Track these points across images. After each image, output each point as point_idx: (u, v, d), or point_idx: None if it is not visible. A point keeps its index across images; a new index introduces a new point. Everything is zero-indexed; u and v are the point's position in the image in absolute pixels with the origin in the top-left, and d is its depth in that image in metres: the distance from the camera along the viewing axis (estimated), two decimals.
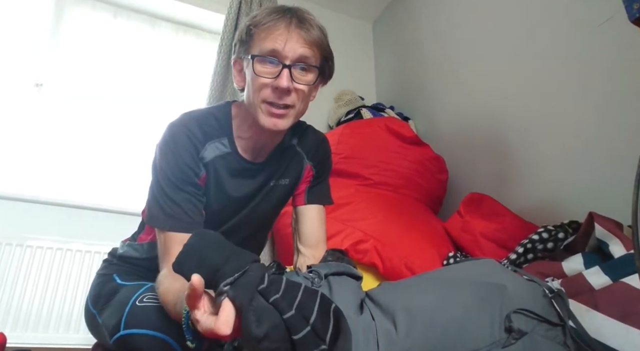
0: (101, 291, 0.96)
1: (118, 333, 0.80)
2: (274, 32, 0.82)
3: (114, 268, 1.02)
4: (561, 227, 1.09)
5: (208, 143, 0.89)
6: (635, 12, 0.63)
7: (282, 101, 0.83)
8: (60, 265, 1.61)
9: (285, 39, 0.81)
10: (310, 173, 1.05)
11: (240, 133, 0.93)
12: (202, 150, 0.88)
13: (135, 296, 0.84)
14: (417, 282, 0.71)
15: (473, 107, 1.80)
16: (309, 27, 0.84)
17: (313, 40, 0.84)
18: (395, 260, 1.26)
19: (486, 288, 0.66)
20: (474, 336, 0.61)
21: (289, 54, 0.82)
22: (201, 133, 0.88)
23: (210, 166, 0.89)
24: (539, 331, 0.64)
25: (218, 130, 0.91)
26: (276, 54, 0.82)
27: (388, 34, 2.63)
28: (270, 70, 0.82)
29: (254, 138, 0.92)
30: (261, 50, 0.82)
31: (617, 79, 1.19)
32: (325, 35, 0.89)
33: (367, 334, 0.60)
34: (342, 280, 0.74)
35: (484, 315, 0.63)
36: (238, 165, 0.92)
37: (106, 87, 2.00)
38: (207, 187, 0.90)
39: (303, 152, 1.03)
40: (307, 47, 0.83)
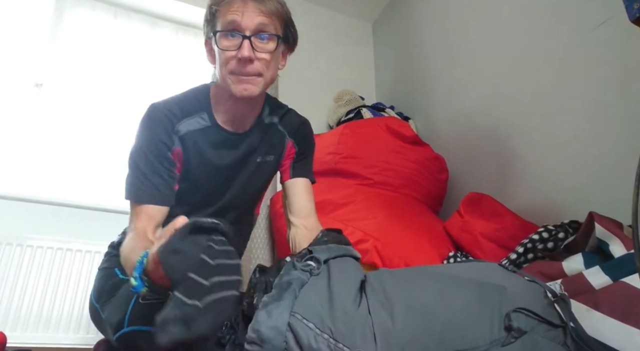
0: (104, 286, 0.96)
1: (121, 330, 0.80)
2: (232, 5, 0.87)
3: (114, 260, 1.01)
4: (561, 226, 1.09)
5: (186, 118, 0.95)
6: (636, 12, 0.63)
7: (246, 70, 0.89)
8: (60, 265, 1.61)
9: (242, 11, 0.87)
10: (292, 150, 1.11)
11: (219, 107, 0.99)
12: (178, 124, 0.94)
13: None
14: (419, 275, 0.71)
15: (473, 106, 1.80)
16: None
17: (269, 10, 0.90)
18: (396, 260, 1.26)
19: (487, 288, 0.66)
20: (474, 334, 0.61)
21: (248, 25, 0.87)
22: (179, 110, 0.95)
23: (188, 139, 0.95)
24: (538, 330, 0.64)
25: (197, 107, 0.98)
26: (236, 27, 0.87)
27: (388, 34, 2.63)
28: (233, 42, 0.88)
29: (232, 110, 0.98)
30: (222, 25, 0.88)
31: (617, 78, 1.19)
32: (283, 4, 0.95)
33: (364, 329, 0.60)
34: (342, 262, 0.73)
35: (484, 313, 0.63)
36: (219, 136, 0.98)
37: (106, 87, 2.00)
38: (186, 160, 0.96)
39: (285, 130, 1.09)
40: (264, 16, 0.89)
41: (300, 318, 0.59)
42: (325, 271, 0.69)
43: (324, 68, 2.52)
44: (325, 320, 0.59)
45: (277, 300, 0.60)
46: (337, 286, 0.65)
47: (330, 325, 0.59)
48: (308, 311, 0.60)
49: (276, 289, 0.63)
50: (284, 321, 0.58)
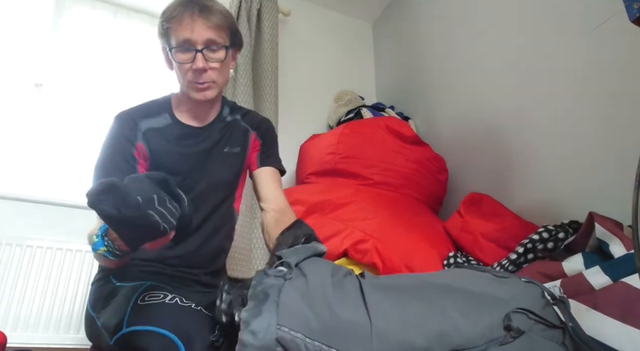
0: (100, 294, 0.97)
1: (120, 332, 0.80)
2: (182, 23, 0.98)
3: (108, 269, 1.02)
4: (561, 226, 1.09)
5: (147, 118, 1.08)
6: (636, 12, 0.63)
7: (202, 80, 1.02)
8: (60, 265, 1.61)
9: (192, 27, 0.98)
10: (257, 142, 1.21)
11: (180, 108, 1.12)
12: (140, 122, 1.06)
13: (136, 296, 0.85)
14: (414, 287, 0.69)
15: (473, 107, 1.80)
16: (208, 14, 0.99)
17: (215, 24, 1.00)
18: (395, 260, 1.26)
19: (484, 298, 0.66)
20: (472, 333, 0.61)
21: (198, 40, 0.99)
22: (140, 112, 1.08)
23: (151, 134, 1.06)
24: (536, 330, 0.64)
25: (158, 109, 1.11)
26: (188, 42, 0.99)
27: (388, 34, 2.63)
28: (187, 56, 1.00)
29: (193, 109, 1.12)
30: (176, 41, 1.00)
31: (617, 78, 1.19)
32: (228, 15, 1.05)
33: (357, 330, 0.59)
34: (313, 263, 0.72)
35: (483, 315, 0.63)
36: (182, 130, 1.10)
37: (106, 87, 2.00)
38: (152, 152, 1.05)
39: (247, 125, 1.21)
40: (212, 30, 0.99)
41: (287, 331, 0.57)
42: (300, 275, 0.67)
43: (324, 68, 2.52)
44: (313, 327, 0.58)
45: (258, 315, 0.58)
46: (316, 290, 0.63)
47: (320, 330, 0.57)
48: (293, 321, 0.58)
49: (253, 301, 0.61)
50: (272, 338, 0.56)
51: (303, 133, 2.07)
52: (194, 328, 0.76)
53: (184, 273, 1.05)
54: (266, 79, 2.07)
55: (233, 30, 1.06)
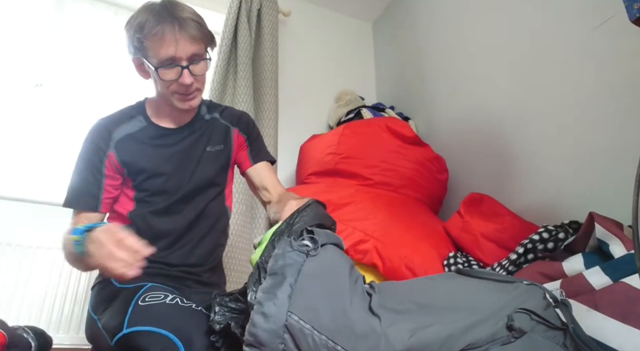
0: (102, 297, 0.97)
1: (121, 333, 0.81)
2: (164, 40, 0.95)
3: None
4: (561, 227, 1.09)
5: (122, 124, 1.08)
6: (636, 12, 0.63)
7: (188, 92, 1.02)
8: (60, 266, 1.61)
9: (175, 45, 0.96)
10: (240, 138, 1.21)
11: (157, 113, 1.11)
12: (114, 131, 1.06)
13: (136, 297, 0.85)
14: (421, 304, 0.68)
15: (473, 107, 1.80)
16: (188, 27, 0.97)
17: (197, 36, 0.99)
18: (396, 260, 1.26)
19: (487, 310, 0.66)
20: (478, 337, 0.61)
21: (183, 56, 0.98)
22: (115, 120, 1.08)
23: (123, 144, 1.06)
24: (538, 331, 0.64)
25: (132, 113, 1.11)
26: (173, 60, 0.97)
27: (388, 34, 2.63)
28: (173, 72, 0.99)
29: (172, 114, 1.11)
30: (159, 59, 0.97)
31: (617, 78, 1.19)
32: (201, 21, 1.03)
33: (365, 330, 0.59)
34: (335, 253, 0.71)
35: (488, 313, 0.63)
36: (157, 132, 1.10)
37: (106, 87, 2.00)
38: (128, 161, 1.05)
39: (227, 122, 1.20)
40: (195, 44, 0.99)
41: (297, 319, 0.57)
42: (322, 257, 0.66)
43: (324, 68, 2.52)
44: (322, 320, 0.58)
45: (272, 299, 0.59)
46: (333, 281, 0.64)
47: (329, 324, 0.58)
48: (304, 311, 0.58)
49: (271, 279, 0.61)
50: (281, 323, 0.57)
51: (303, 134, 2.07)
52: (194, 329, 0.76)
53: (185, 273, 1.05)
54: (266, 79, 2.07)
55: (208, 35, 1.05)
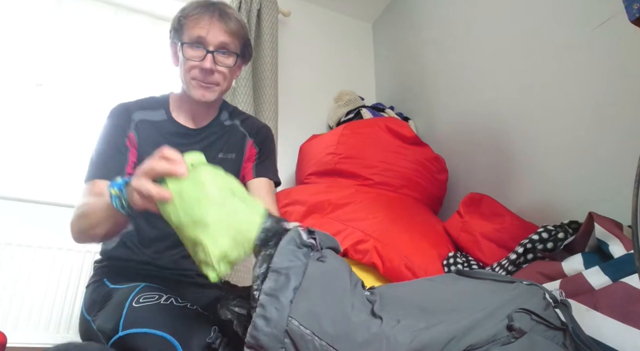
0: (95, 298, 0.97)
1: (116, 335, 0.80)
2: (200, 22, 1.00)
3: (101, 272, 1.03)
4: (561, 227, 1.09)
5: (142, 110, 1.08)
6: (636, 12, 0.63)
7: (206, 80, 1.02)
8: (60, 265, 1.61)
9: (208, 28, 0.99)
10: (253, 150, 1.19)
11: (178, 108, 1.12)
12: (133, 113, 1.07)
13: (130, 298, 0.84)
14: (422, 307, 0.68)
15: (473, 107, 1.80)
16: (227, 19, 1.01)
17: (231, 31, 1.02)
18: (396, 260, 1.26)
19: (489, 311, 0.66)
20: (479, 338, 0.61)
21: (212, 41, 1.00)
22: (136, 105, 1.09)
23: (143, 126, 1.06)
24: (538, 331, 0.64)
25: (155, 105, 1.11)
26: (201, 41, 1.00)
27: (388, 34, 2.63)
28: (197, 54, 1.01)
29: (190, 110, 1.11)
30: (189, 38, 1.01)
31: (617, 78, 1.19)
32: (244, 26, 1.07)
33: (365, 335, 0.58)
34: (335, 259, 0.71)
35: (489, 323, 0.63)
36: (176, 128, 1.09)
37: (107, 87, 2.00)
38: (141, 146, 1.04)
39: (245, 130, 1.19)
40: (227, 36, 1.01)
41: (297, 325, 0.57)
42: (325, 261, 0.66)
43: (324, 68, 2.52)
44: (323, 326, 0.58)
45: (275, 303, 0.58)
46: (335, 286, 0.64)
47: (329, 330, 0.58)
48: (305, 316, 0.58)
49: (275, 279, 0.60)
50: (282, 328, 0.57)
51: (303, 134, 2.07)
52: (191, 328, 0.76)
53: (179, 276, 1.05)
54: (266, 79, 2.07)
55: (246, 41, 1.08)
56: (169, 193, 0.63)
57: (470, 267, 1.26)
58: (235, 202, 0.66)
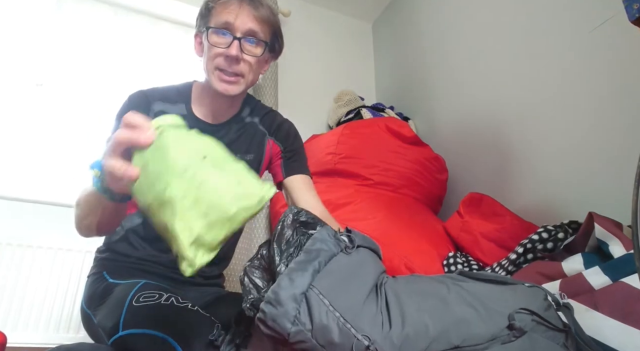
0: (95, 291, 0.96)
1: (117, 335, 0.80)
2: (228, 7, 0.93)
3: (102, 264, 1.02)
4: (561, 227, 1.09)
5: (162, 101, 1.01)
6: (635, 12, 0.63)
7: (231, 69, 0.94)
8: (60, 265, 1.61)
9: (237, 13, 0.92)
10: (276, 149, 1.11)
11: (198, 101, 1.05)
12: (153, 103, 1.00)
13: (130, 296, 0.84)
14: (429, 291, 0.71)
15: (473, 107, 1.80)
16: (258, 5, 0.95)
17: (262, 17, 0.95)
18: (395, 260, 1.26)
19: (490, 308, 0.67)
20: (476, 331, 0.61)
21: (239, 27, 0.93)
22: (157, 93, 1.02)
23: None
24: (538, 331, 0.64)
25: (176, 97, 1.04)
26: (228, 27, 0.93)
27: (388, 34, 2.63)
28: (223, 40, 0.93)
29: (211, 105, 1.04)
30: (216, 23, 0.94)
31: (617, 78, 1.19)
32: (275, 14, 0.99)
33: (373, 319, 0.62)
34: (370, 255, 0.74)
35: (488, 312, 0.64)
36: (195, 125, 1.01)
37: (107, 87, 2.00)
38: None
39: (265, 129, 1.11)
40: (257, 22, 0.94)
41: (317, 293, 0.61)
42: (354, 256, 0.69)
43: (324, 68, 2.52)
44: (339, 301, 0.61)
45: (302, 270, 0.63)
46: (358, 278, 0.67)
47: (343, 306, 0.61)
48: (326, 289, 0.62)
49: (305, 255, 0.65)
50: (302, 291, 0.61)
51: (303, 134, 2.03)
52: (191, 330, 0.76)
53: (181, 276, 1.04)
54: (266, 79, 2.07)
55: (277, 31, 1.00)
56: (135, 169, 0.52)
57: (470, 267, 1.26)
58: (205, 169, 0.52)
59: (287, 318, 0.59)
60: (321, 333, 0.59)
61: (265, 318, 0.60)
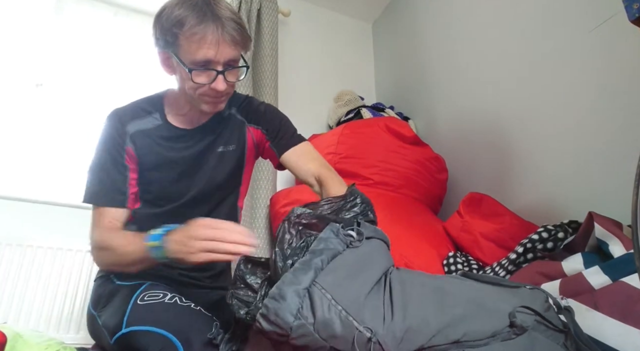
0: (102, 293, 0.97)
1: (120, 332, 0.81)
2: (205, 42, 0.87)
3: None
4: (561, 226, 1.09)
5: (136, 119, 1.02)
6: (635, 12, 0.63)
7: (218, 96, 0.95)
8: (60, 265, 1.61)
9: (216, 48, 0.88)
10: (257, 132, 1.11)
11: (174, 110, 1.05)
12: (127, 125, 1.00)
13: (135, 295, 0.86)
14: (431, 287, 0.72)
15: (473, 106, 1.80)
16: (230, 29, 0.89)
17: (237, 41, 0.91)
18: (395, 260, 1.24)
19: (491, 308, 0.67)
20: (477, 327, 0.62)
21: (220, 60, 0.90)
22: (129, 113, 1.02)
23: (139, 137, 1.00)
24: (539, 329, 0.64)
25: (149, 108, 1.04)
26: (209, 63, 0.90)
27: (388, 34, 2.63)
28: (206, 76, 0.91)
29: (190, 114, 1.04)
30: (195, 61, 0.89)
31: (617, 78, 1.19)
32: (243, 24, 0.94)
33: (375, 312, 0.62)
34: (378, 247, 0.76)
35: (489, 310, 0.64)
36: (171, 133, 1.03)
37: (107, 87, 2.00)
38: (140, 157, 1.01)
39: (243, 117, 1.11)
40: (234, 48, 0.91)
41: (319, 288, 0.63)
42: (362, 249, 0.71)
43: (324, 68, 2.52)
44: (343, 295, 0.63)
45: (305, 268, 0.64)
46: (365, 271, 0.68)
47: (346, 299, 0.62)
48: (329, 284, 0.63)
49: (309, 255, 0.66)
50: (305, 287, 0.62)
51: (303, 134, 2.04)
52: (193, 328, 0.77)
53: (185, 278, 1.04)
54: (266, 79, 2.07)
55: (247, 38, 0.96)
56: None
57: (470, 267, 1.26)
58: None
59: (290, 312, 0.60)
60: (323, 326, 0.60)
61: (267, 313, 0.61)
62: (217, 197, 1.09)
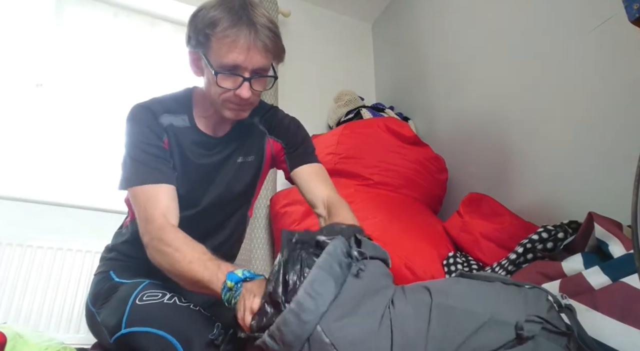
0: (100, 289, 0.97)
1: (119, 332, 0.81)
2: (236, 46, 0.85)
3: (109, 264, 1.02)
4: (561, 226, 1.09)
5: (166, 114, 0.97)
6: (635, 12, 0.63)
7: (242, 104, 0.91)
8: (60, 265, 1.61)
9: (246, 54, 0.86)
10: (277, 146, 1.09)
11: (200, 112, 1.01)
12: (160, 117, 0.96)
13: (134, 295, 0.85)
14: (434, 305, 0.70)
15: (473, 107, 1.80)
16: (264, 36, 0.87)
17: (270, 49, 0.88)
18: (395, 260, 1.26)
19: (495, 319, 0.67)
20: (483, 341, 0.62)
21: (249, 67, 0.87)
22: (160, 106, 0.97)
23: (170, 131, 0.96)
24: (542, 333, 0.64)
25: (177, 108, 0.99)
26: (237, 68, 0.87)
27: (388, 34, 2.63)
28: (231, 82, 0.88)
29: (214, 117, 1.00)
30: (222, 64, 0.87)
31: (617, 78, 1.19)
32: (278, 32, 0.92)
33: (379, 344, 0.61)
34: (379, 271, 0.72)
35: (492, 328, 0.64)
36: (198, 138, 1.00)
37: (106, 87, 2.00)
38: (171, 151, 0.96)
39: (264, 128, 1.09)
40: (265, 57, 0.88)
41: (320, 331, 0.61)
42: (358, 283, 0.67)
43: (324, 68, 2.52)
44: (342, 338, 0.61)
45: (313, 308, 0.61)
46: (367, 307, 0.65)
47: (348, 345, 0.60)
48: (331, 327, 0.61)
49: (318, 281, 0.62)
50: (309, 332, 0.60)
51: None
52: (192, 329, 0.76)
53: None
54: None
55: (280, 48, 0.93)
56: None
57: (470, 267, 1.26)
58: None
59: None
60: None
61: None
62: (230, 208, 1.07)
